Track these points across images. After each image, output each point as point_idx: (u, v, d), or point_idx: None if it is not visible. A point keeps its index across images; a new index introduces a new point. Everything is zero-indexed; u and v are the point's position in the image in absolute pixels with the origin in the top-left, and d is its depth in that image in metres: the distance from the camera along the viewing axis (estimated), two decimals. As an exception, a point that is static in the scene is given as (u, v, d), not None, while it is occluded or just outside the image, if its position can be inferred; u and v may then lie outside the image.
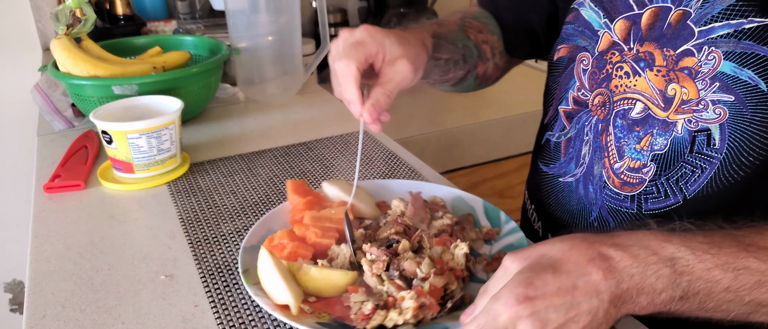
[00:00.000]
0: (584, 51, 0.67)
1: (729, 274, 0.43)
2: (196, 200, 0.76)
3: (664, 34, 0.58)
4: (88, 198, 0.77)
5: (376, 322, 0.51)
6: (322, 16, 1.09)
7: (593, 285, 0.42)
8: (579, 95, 0.68)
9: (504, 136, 1.43)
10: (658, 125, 0.59)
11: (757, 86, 0.52)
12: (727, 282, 0.43)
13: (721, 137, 0.55)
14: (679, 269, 0.43)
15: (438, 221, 0.64)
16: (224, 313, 0.55)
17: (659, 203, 0.60)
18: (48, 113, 1.01)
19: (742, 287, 0.43)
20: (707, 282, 0.43)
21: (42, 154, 0.91)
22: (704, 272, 0.43)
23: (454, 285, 0.55)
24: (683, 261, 0.43)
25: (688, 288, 0.43)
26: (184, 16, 1.52)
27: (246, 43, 1.09)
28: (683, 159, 0.58)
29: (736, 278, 0.43)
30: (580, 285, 0.42)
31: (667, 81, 0.58)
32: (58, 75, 0.93)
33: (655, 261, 0.43)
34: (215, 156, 0.89)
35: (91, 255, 0.65)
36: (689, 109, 0.57)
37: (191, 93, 0.96)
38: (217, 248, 0.65)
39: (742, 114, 0.54)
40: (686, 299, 0.43)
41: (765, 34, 0.51)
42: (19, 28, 1.43)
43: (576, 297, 0.42)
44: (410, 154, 0.89)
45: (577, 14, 0.67)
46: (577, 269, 0.43)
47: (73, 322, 0.55)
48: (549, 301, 0.42)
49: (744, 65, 0.53)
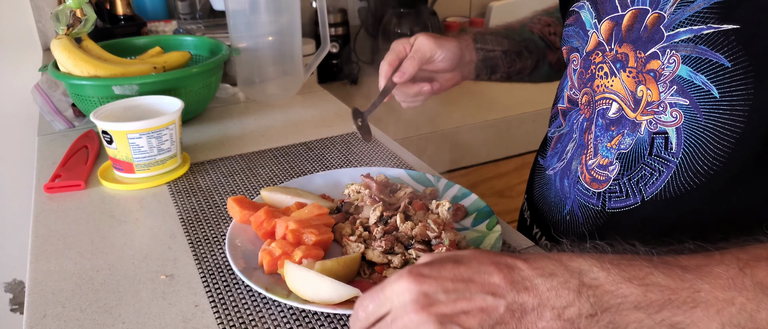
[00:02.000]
0: (575, 51, 0.69)
1: (637, 289, 0.40)
2: (196, 200, 0.76)
3: (640, 36, 0.58)
4: (89, 198, 0.78)
5: None
6: (322, 16, 1.09)
7: (491, 284, 0.41)
8: (571, 93, 0.70)
9: (504, 136, 1.43)
10: (628, 126, 0.60)
11: (709, 91, 0.53)
12: (635, 298, 0.40)
13: (678, 142, 0.56)
14: (587, 281, 0.41)
15: (399, 192, 0.71)
16: (224, 313, 0.55)
17: (620, 202, 0.61)
18: (48, 113, 1.01)
19: (652, 304, 0.40)
20: (615, 297, 0.40)
21: (42, 154, 0.91)
22: (612, 286, 0.41)
23: (457, 235, 0.62)
24: (591, 273, 0.41)
25: (596, 304, 0.40)
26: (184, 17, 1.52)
27: (246, 43, 1.09)
28: (643, 160, 0.59)
29: (644, 294, 0.40)
30: (477, 280, 0.41)
31: (637, 82, 0.59)
32: (58, 75, 0.93)
33: (562, 272, 0.41)
34: (215, 156, 0.89)
35: (92, 254, 0.65)
36: (651, 110, 0.58)
37: (191, 93, 0.96)
38: (218, 248, 0.65)
39: (697, 119, 0.54)
40: (596, 317, 0.40)
41: (718, 40, 0.52)
42: (20, 28, 1.43)
43: (470, 288, 0.41)
44: (410, 154, 0.89)
45: (577, 16, 0.68)
46: (478, 266, 0.42)
47: (74, 322, 0.55)
48: (441, 284, 0.41)
49: (698, 70, 0.53)
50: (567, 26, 0.71)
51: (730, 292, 0.40)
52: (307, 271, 0.54)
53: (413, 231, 0.61)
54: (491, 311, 0.40)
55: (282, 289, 0.55)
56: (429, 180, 0.77)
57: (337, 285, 0.52)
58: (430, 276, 0.42)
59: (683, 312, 0.40)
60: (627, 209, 0.61)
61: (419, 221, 0.63)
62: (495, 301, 0.41)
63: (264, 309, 0.55)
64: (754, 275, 0.41)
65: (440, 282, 0.41)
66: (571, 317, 0.40)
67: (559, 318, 0.41)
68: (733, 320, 0.40)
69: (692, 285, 0.41)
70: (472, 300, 0.41)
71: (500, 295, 0.41)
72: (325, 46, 1.11)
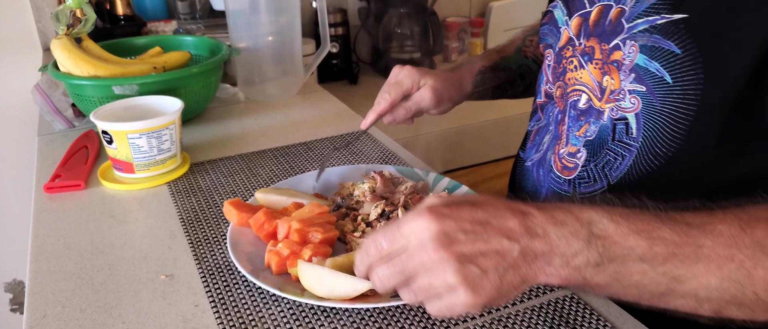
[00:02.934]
0: (550, 48, 0.73)
1: (644, 242, 0.42)
2: (196, 200, 0.76)
3: (605, 29, 0.62)
4: (89, 198, 0.78)
5: None
6: (322, 16, 1.09)
7: (507, 228, 0.42)
8: (547, 88, 0.74)
9: (504, 136, 1.43)
10: (594, 114, 0.64)
11: (663, 78, 0.56)
12: (641, 250, 0.42)
13: (638, 126, 0.59)
14: (596, 232, 0.42)
15: (401, 186, 0.72)
16: (224, 313, 0.55)
17: (589, 187, 0.65)
18: (48, 113, 1.01)
19: (657, 256, 0.42)
20: (623, 248, 0.42)
21: (42, 154, 0.91)
22: (620, 237, 0.42)
23: None
24: (600, 224, 0.42)
25: (604, 253, 0.42)
26: (184, 17, 1.52)
27: (246, 43, 1.09)
28: (607, 146, 0.63)
29: (650, 247, 0.42)
30: (494, 223, 0.42)
31: (603, 73, 0.62)
32: (58, 75, 0.93)
33: (573, 222, 0.42)
34: (215, 156, 0.89)
35: (92, 254, 0.65)
36: (613, 98, 0.61)
37: (191, 93, 0.96)
38: (218, 248, 0.65)
39: (653, 105, 0.58)
40: (602, 266, 0.42)
41: (670, 29, 0.55)
42: (20, 28, 1.43)
43: (488, 230, 0.42)
44: (410, 154, 0.89)
45: (551, 15, 0.72)
46: (495, 211, 0.43)
47: (74, 322, 0.55)
48: (460, 224, 0.41)
49: (653, 58, 0.57)
50: (543, 25, 0.75)
51: (731, 249, 0.41)
52: (321, 268, 0.54)
53: None
54: (506, 254, 0.41)
55: (294, 288, 0.55)
56: (418, 175, 0.78)
57: (352, 279, 0.53)
58: (450, 216, 0.41)
59: (685, 266, 0.42)
60: (595, 193, 0.64)
61: None
62: (510, 245, 0.41)
63: (264, 309, 0.55)
64: (753, 234, 0.42)
65: (460, 223, 0.41)
66: (579, 265, 0.42)
67: (567, 265, 0.42)
68: (732, 275, 0.41)
69: (696, 240, 0.42)
70: (489, 242, 0.41)
71: (515, 239, 0.41)
72: (325, 46, 1.11)
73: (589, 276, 0.42)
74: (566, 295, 0.56)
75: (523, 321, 0.53)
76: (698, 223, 0.43)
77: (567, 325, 0.53)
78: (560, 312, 0.54)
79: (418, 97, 0.82)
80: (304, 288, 0.55)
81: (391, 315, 0.54)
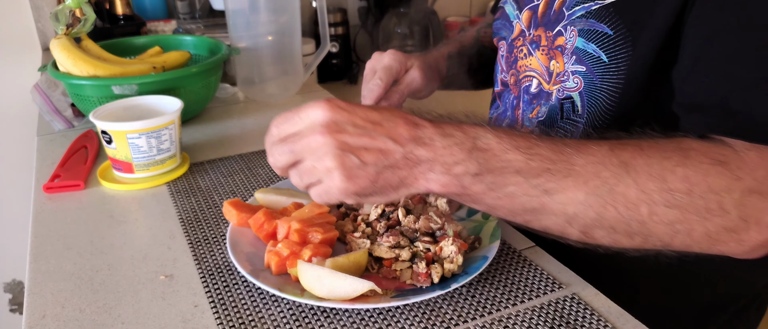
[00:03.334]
0: (503, 40, 0.79)
1: (522, 156, 0.45)
2: (195, 200, 0.76)
3: (550, 18, 0.68)
4: (88, 198, 0.77)
5: (438, 274, 0.56)
6: (322, 16, 1.09)
7: (396, 132, 0.45)
8: (502, 77, 0.79)
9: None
10: (544, 97, 0.70)
11: (600, 57, 0.62)
12: (518, 164, 0.45)
13: (582, 104, 0.65)
14: (479, 145, 0.45)
15: None
16: (224, 313, 0.55)
17: None
18: (48, 113, 1.01)
19: (532, 170, 0.45)
20: (501, 161, 0.45)
21: (42, 154, 0.91)
22: (500, 151, 0.45)
23: (458, 226, 0.62)
24: (485, 139, 0.46)
25: (483, 164, 0.45)
26: (183, 16, 1.52)
27: (246, 43, 1.09)
28: (557, 125, 0.68)
29: (527, 161, 0.45)
30: (384, 125, 0.45)
31: (549, 58, 0.68)
32: (57, 75, 0.93)
33: (460, 135, 0.46)
34: (215, 156, 0.89)
35: (91, 255, 0.65)
36: (559, 80, 0.67)
37: (191, 93, 0.96)
38: (217, 248, 0.65)
39: (594, 83, 0.63)
40: (480, 176, 0.45)
41: (603, 13, 0.61)
42: (19, 28, 1.43)
43: (377, 129, 0.45)
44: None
45: (502, 10, 0.78)
46: (389, 116, 0.46)
47: (73, 322, 0.55)
48: (352, 118, 0.45)
49: (590, 40, 0.62)
50: (495, 20, 0.81)
51: (598, 167, 0.46)
52: (321, 269, 0.54)
53: (417, 224, 0.62)
54: (388, 154, 0.45)
55: (294, 288, 0.55)
56: None
57: (352, 280, 0.53)
58: (345, 109, 0.46)
59: (556, 180, 0.45)
60: None
61: (420, 214, 0.64)
62: (394, 147, 0.45)
63: (264, 309, 0.55)
64: (620, 155, 0.46)
65: (352, 117, 0.45)
66: (458, 173, 0.46)
67: (447, 172, 0.46)
68: (597, 191, 0.45)
69: (569, 158, 0.46)
70: (375, 139, 0.45)
71: (400, 144, 0.45)
72: (325, 46, 1.11)
73: (467, 185, 0.46)
74: (566, 295, 0.56)
75: (523, 321, 0.53)
76: (575, 145, 0.47)
77: (567, 325, 0.53)
78: (560, 312, 0.54)
79: (408, 78, 0.80)
80: (304, 289, 0.55)
81: (391, 315, 0.54)
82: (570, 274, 0.60)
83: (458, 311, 0.54)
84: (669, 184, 0.45)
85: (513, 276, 0.59)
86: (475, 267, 0.57)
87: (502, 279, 0.59)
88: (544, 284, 0.58)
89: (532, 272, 0.60)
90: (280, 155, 0.47)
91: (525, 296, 0.56)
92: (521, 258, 0.62)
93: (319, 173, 0.46)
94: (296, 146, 0.46)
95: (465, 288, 0.57)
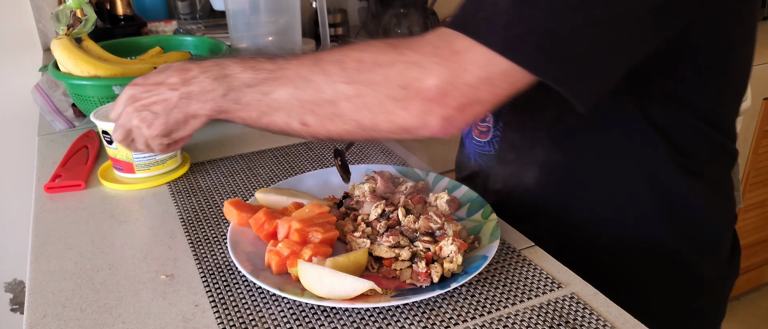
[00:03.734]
0: None
1: (252, 73, 0.56)
2: (196, 200, 0.76)
3: None
4: (89, 198, 0.78)
5: (438, 273, 0.57)
6: (322, 16, 1.09)
7: (171, 83, 0.59)
8: None
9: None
10: None
11: None
12: (248, 79, 0.56)
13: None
14: (226, 73, 0.57)
15: (401, 186, 0.73)
16: (225, 313, 0.55)
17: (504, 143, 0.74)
18: (49, 113, 1.01)
19: (257, 81, 0.56)
20: (237, 81, 0.56)
21: (42, 154, 0.92)
22: (238, 73, 0.57)
23: (457, 226, 0.63)
24: (231, 68, 0.57)
25: (227, 86, 0.57)
26: (184, 17, 1.52)
27: (246, 43, 1.09)
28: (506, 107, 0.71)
29: (254, 76, 0.56)
30: (164, 81, 0.59)
31: None
32: (58, 75, 0.93)
33: (215, 69, 0.58)
34: (215, 156, 0.89)
35: (92, 254, 0.65)
36: None
37: (191, 93, 0.96)
38: (218, 248, 0.65)
39: None
40: (227, 95, 0.57)
41: None
42: (20, 28, 1.43)
43: (160, 88, 0.59)
44: (410, 153, 0.89)
45: None
46: (168, 73, 0.60)
47: (74, 322, 0.55)
48: (143, 88, 0.60)
49: None
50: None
51: (300, 67, 0.55)
52: (322, 268, 0.54)
53: (417, 224, 0.62)
54: (169, 100, 0.59)
55: (294, 288, 0.56)
56: (418, 175, 0.78)
57: (352, 279, 0.53)
58: (139, 84, 0.61)
59: (271, 84, 0.55)
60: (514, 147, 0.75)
61: (420, 214, 0.64)
62: (172, 94, 0.59)
63: (264, 308, 0.55)
64: (322, 56, 0.55)
65: (143, 87, 0.60)
66: (215, 97, 0.57)
67: (209, 100, 0.58)
68: (297, 83, 0.54)
69: (284, 66, 0.56)
70: (160, 95, 0.59)
71: (175, 89, 0.59)
72: (325, 46, 1.11)
73: (221, 104, 0.57)
74: (565, 295, 0.56)
75: (522, 321, 0.53)
76: (295, 58, 0.57)
77: (567, 325, 0.53)
78: (560, 312, 0.54)
79: None
80: (304, 288, 0.55)
81: (391, 315, 0.54)
82: (569, 274, 0.60)
83: (458, 310, 0.55)
84: (345, 64, 0.53)
85: (512, 276, 0.59)
86: (474, 266, 0.57)
87: (502, 279, 0.59)
88: (543, 283, 0.58)
89: (531, 271, 0.60)
90: (116, 134, 0.64)
91: (524, 295, 0.56)
92: (520, 258, 0.62)
93: (133, 133, 0.62)
94: (119, 123, 0.62)
95: (464, 287, 0.58)
